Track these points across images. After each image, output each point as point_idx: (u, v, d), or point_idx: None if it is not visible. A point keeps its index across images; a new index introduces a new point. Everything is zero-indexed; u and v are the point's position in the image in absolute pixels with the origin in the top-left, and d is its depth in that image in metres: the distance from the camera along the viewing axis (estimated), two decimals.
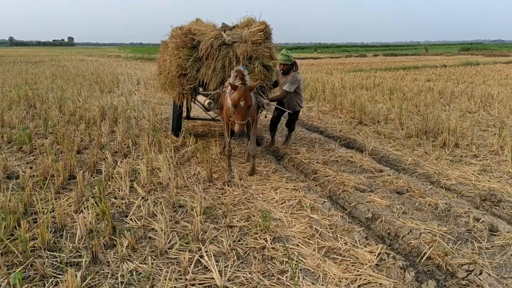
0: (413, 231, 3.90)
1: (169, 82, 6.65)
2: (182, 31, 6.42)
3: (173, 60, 6.35)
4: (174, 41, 6.45)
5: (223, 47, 6.28)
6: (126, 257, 3.45)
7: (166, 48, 7.27)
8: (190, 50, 6.28)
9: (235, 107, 4.74)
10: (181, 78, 6.30)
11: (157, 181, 5.20)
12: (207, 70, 6.24)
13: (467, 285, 3.12)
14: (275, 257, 3.50)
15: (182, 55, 6.25)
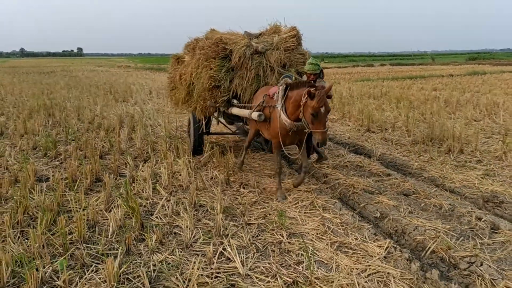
0: (419, 228, 4.20)
1: (195, 96, 6.25)
2: (211, 40, 6.06)
3: (203, 72, 5.98)
4: (202, 52, 6.09)
5: (255, 55, 5.96)
6: (156, 249, 3.78)
7: (178, 62, 7.25)
8: (222, 60, 5.92)
9: (315, 115, 4.32)
10: (213, 90, 5.95)
11: (177, 184, 5.55)
12: (240, 80, 5.91)
13: (468, 275, 3.41)
14: (291, 250, 3.82)
15: (214, 66, 5.90)
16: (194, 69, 6.21)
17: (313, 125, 4.39)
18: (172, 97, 7.46)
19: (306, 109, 4.42)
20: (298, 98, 4.56)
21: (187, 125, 7.73)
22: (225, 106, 6.07)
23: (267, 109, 5.15)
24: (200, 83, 6.02)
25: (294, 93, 4.69)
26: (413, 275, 3.33)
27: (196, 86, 6.19)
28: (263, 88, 5.74)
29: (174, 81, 7.31)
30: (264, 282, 3.29)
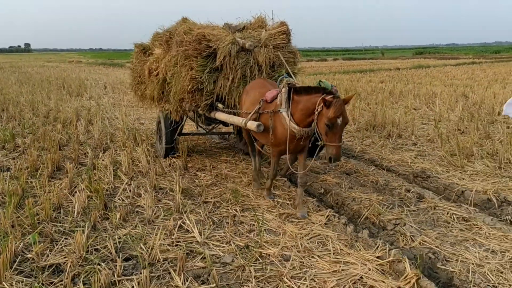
0: (356, 200, 4.79)
1: (171, 97, 5.64)
2: (191, 36, 5.31)
3: (183, 72, 5.31)
4: (181, 49, 5.35)
5: (242, 53, 5.30)
6: (120, 225, 4.12)
7: (144, 53, 6.73)
8: (205, 59, 5.22)
9: (330, 126, 3.80)
10: (194, 93, 5.27)
11: (137, 170, 5.87)
12: (225, 82, 5.26)
13: (394, 234, 4.00)
14: (244, 221, 4.28)
15: (196, 66, 5.19)
16: (170, 67, 5.57)
17: (326, 137, 3.88)
18: (137, 92, 6.94)
19: (320, 119, 3.90)
20: (309, 104, 4.05)
21: (156, 125, 6.97)
22: (208, 110, 5.45)
23: (265, 116, 4.51)
24: (179, 84, 5.35)
25: (303, 98, 4.17)
26: (348, 236, 3.87)
27: (172, 86, 5.55)
28: (252, 89, 4.99)
29: (140, 74, 6.74)
30: (220, 247, 3.72)
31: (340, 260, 3.47)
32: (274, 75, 5.42)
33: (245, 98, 5.00)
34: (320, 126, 3.93)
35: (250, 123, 4.55)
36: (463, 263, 3.38)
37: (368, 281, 3.14)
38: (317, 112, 3.93)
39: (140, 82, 6.82)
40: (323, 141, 3.94)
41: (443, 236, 3.88)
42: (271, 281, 3.19)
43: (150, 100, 6.46)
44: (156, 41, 6.44)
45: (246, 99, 4.97)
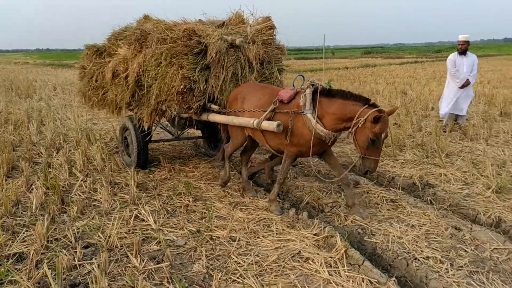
0: (299, 187, 5.27)
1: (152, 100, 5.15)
2: (181, 32, 4.92)
3: (171, 71, 4.92)
4: (167, 46, 4.97)
5: (231, 50, 5.04)
6: (77, 218, 4.37)
7: (99, 55, 6.28)
8: (195, 56, 4.86)
9: (374, 141, 3.73)
10: (186, 93, 4.89)
11: (92, 167, 6.07)
12: (216, 80, 4.97)
13: (330, 215, 4.50)
14: (196, 210, 4.63)
15: (187, 64, 4.81)
16: (151, 67, 5.11)
17: (366, 150, 3.79)
18: (92, 98, 6.35)
19: (362, 132, 3.76)
20: (345, 111, 3.92)
21: (119, 133, 6.49)
22: (198, 113, 5.10)
23: (283, 116, 4.30)
24: (164, 85, 4.99)
25: (336, 101, 4.02)
26: (290, 218, 4.33)
27: (153, 88, 5.12)
28: (251, 92, 4.78)
29: (97, 78, 6.19)
30: (174, 232, 4.07)
31: (282, 238, 3.91)
32: (265, 72, 5.31)
33: (243, 102, 4.74)
34: (361, 138, 3.79)
35: (267, 122, 4.28)
36: (385, 236, 3.91)
37: (305, 254, 3.60)
38: (358, 124, 3.76)
39: (97, 86, 6.22)
40: (361, 153, 3.84)
41: (372, 215, 4.42)
42: (220, 258, 3.59)
43: (112, 106, 5.95)
44: (119, 40, 5.89)
45: (245, 103, 4.71)
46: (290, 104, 4.31)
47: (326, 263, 3.42)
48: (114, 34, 6.12)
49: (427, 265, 3.39)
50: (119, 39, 5.93)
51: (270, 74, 5.35)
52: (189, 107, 4.98)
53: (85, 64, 6.53)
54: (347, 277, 3.23)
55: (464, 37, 8.29)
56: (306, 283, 3.18)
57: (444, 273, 3.25)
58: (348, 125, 3.91)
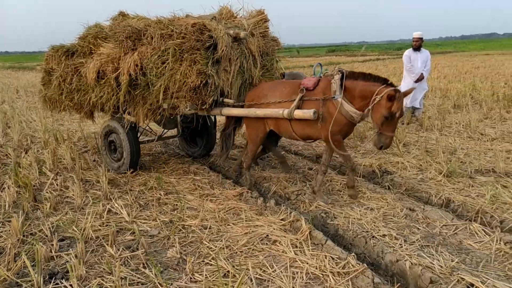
0: (267, 178, 5.53)
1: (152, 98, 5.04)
2: (187, 26, 4.79)
3: (183, 67, 4.76)
4: (175, 42, 4.79)
5: (235, 44, 5.04)
6: (51, 214, 4.46)
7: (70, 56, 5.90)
8: (206, 51, 4.76)
9: (388, 118, 3.96)
10: (200, 89, 4.77)
11: (62, 166, 6.13)
12: (226, 74, 4.96)
13: (296, 202, 4.77)
14: (168, 203, 4.81)
15: (201, 59, 4.72)
16: (156, 64, 4.92)
17: (382, 126, 4.04)
18: (66, 102, 5.98)
19: (378, 109, 4.00)
20: (366, 92, 4.13)
21: (101, 137, 6.15)
22: (210, 108, 5.03)
23: (310, 103, 4.46)
24: (174, 82, 4.83)
25: (357, 83, 4.23)
26: (258, 206, 4.58)
27: (156, 86, 4.95)
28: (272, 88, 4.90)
29: (71, 81, 5.83)
30: (147, 223, 4.24)
31: (251, 225, 4.15)
32: (266, 64, 5.42)
33: (266, 98, 4.83)
34: (377, 116, 4.03)
35: (300, 111, 4.42)
36: (346, 218, 4.22)
37: (273, 237, 3.85)
38: (373, 101, 4.02)
39: (72, 90, 5.84)
40: (378, 129, 4.08)
41: (334, 201, 4.72)
42: (192, 244, 3.79)
43: (96, 108, 5.76)
44: (99, 39, 5.58)
45: (268, 98, 4.81)
46: (316, 91, 4.48)
47: (292, 244, 3.69)
48: (90, 32, 5.73)
49: (383, 242, 3.70)
50: (99, 37, 5.61)
51: (270, 65, 5.46)
52: (203, 102, 4.86)
53: (52, 66, 6.07)
54: (311, 255, 3.50)
55: (418, 34, 8.79)
56: (274, 262, 3.43)
57: (398, 248, 3.58)
58: (369, 104, 4.11)
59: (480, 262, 3.34)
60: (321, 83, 4.50)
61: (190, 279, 3.21)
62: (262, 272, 3.30)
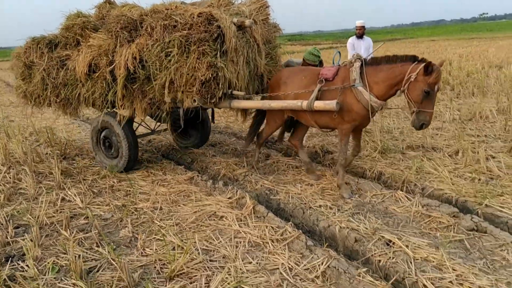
0: (217, 163, 5.83)
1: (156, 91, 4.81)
2: (201, 17, 4.50)
3: (190, 59, 4.50)
4: (181, 34, 4.50)
5: (239, 33, 4.76)
6: (5, 205, 4.58)
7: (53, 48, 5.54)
8: (214, 42, 4.51)
9: (428, 93, 3.77)
10: (210, 82, 4.51)
11: (14, 160, 6.17)
12: (233, 66, 4.69)
13: (244, 183, 5.11)
14: (121, 189, 5.02)
15: (210, 51, 4.45)
16: (157, 58, 4.65)
17: (421, 104, 3.85)
18: (51, 98, 5.62)
19: (415, 86, 3.82)
20: (394, 74, 3.98)
21: (93, 135, 5.82)
22: (219, 101, 4.79)
23: (330, 93, 4.36)
24: (181, 75, 4.59)
25: (381, 68, 4.09)
26: (208, 188, 4.88)
27: (158, 80, 4.72)
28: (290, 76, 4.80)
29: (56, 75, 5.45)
30: (100, 209, 4.45)
31: (200, 204, 4.45)
32: (269, 52, 5.24)
33: (285, 86, 4.77)
34: (415, 93, 3.84)
35: (321, 102, 4.28)
36: (287, 194, 4.60)
37: (220, 214, 4.17)
38: (410, 79, 3.83)
39: (58, 84, 5.48)
40: (415, 108, 3.87)
41: (278, 180, 5.10)
42: (144, 224, 4.05)
43: (86, 104, 5.47)
44: (87, 29, 5.27)
45: (288, 87, 4.74)
46: (335, 81, 4.38)
47: (237, 218, 4.02)
48: (76, 23, 5.33)
49: (319, 211, 4.11)
50: (87, 28, 5.26)
51: (274, 53, 5.33)
52: (212, 95, 4.61)
53: (33, 59, 5.60)
54: (254, 226, 3.85)
55: (361, 22, 9.26)
56: (219, 235, 3.75)
57: (331, 216, 3.99)
58: (399, 87, 3.98)
59: (400, 223, 3.81)
60: (340, 72, 4.41)
61: (141, 253, 3.48)
62: (208, 244, 3.61)
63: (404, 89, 3.90)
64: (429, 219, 3.84)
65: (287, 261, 3.25)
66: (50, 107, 5.86)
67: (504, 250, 3.27)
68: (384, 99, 4.14)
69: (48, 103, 5.72)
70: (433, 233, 3.62)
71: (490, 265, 3.14)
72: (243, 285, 2.96)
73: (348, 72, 4.28)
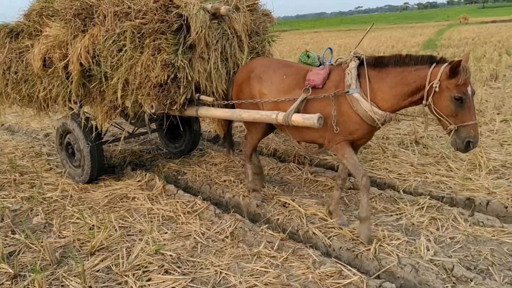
0: (121, 151, 6.00)
1: (108, 95, 4.11)
2: (156, 2, 3.65)
3: (144, 56, 3.71)
4: (132, 23, 3.68)
5: (214, 23, 3.88)
6: None
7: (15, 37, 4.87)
8: (175, 34, 3.64)
9: (460, 100, 2.82)
10: (168, 85, 3.72)
11: None
12: (202, 64, 3.82)
13: (151, 167, 5.39)
14: (25, 182, 4.98)
15: (167, 45, 3.62)
16: (109, 53, 3.85)
17: (456, 117, 2.87)
18: (13, 95, 4.98)
19: (442, 96, 2.87)
20: (406, 82, 3.01)
21: (57, 139, 5.08)
22: (183, 108, 3.96)
23: (317, 103, 3.36)
24: (135, 75, 3.82)
25: (389, 73, 3.11)
26: (115, 174, 5.07)
27: (114, 80, 3.94)
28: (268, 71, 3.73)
29: (17, 69, 4.79)
30: (7, 201, 4.42)
31: (111, 189, 4.65)
32: (255, 46, 4.27)
33: (260, 84, 3.71)
34: (444, 104, 2.88)
35: (300, 117, 3.27)
36: (194, 173, 5.01)
37: (131, 195, 4.43)
38: (434, 89, 2.86)
39: (19, 80, 4.81)
40: (451, 124, 2.88)
41: (184, 162, 5.47)
42: (56, 211, 4.17)
43: (44, 104, 4.76)
44: (44, 16, 4.51)
45: (263, 85, 3.69)
46: (326, 87, 3.36)
47: (149, 198, 4.33)
48: (35, 8, 4.66)
49: (224, 185, 4.60)
50: (45, 14, 4.51)
51: (261, 48, 4.34)
52: (172, 101, 3.79)
53: None
54: (165, 203, 4.19)
55: None
56: (134, 212, 4.04)
57: (235, 188, 4.49)
58: (415, 98, 3.03)
59: (293, 189, 4.44)
60: (332, 75, 3.39)
61: (58, 236, 3.64)
62: (124, 221, 3.89)
63: (429, 104, 2.94)
64: (317, 183, 4.54)
65: (199, 228, 3.67)
66: (14, 105, 5.28)
67: (374, 201, 4.05)
68: (392, 110, 3.14)
69: (11, 101, 5.14)
70: (320, 194, 4.31)
71: None
72: (162, 251, 3.32)
73: (343, 75, 3.28)
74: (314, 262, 3.04)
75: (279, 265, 3.06)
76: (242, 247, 3.33)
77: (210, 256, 3.23)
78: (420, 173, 4.59)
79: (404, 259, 3.01)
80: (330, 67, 3.48)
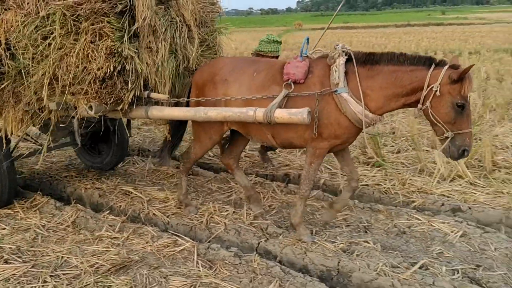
0: None
1: (30, 96, 3.34)
2: None
3: (83, 45, 3.10)
4: (68, 3, 3.05)
5: (160, 8, 3.39)
6: None
7: None
8: (119, 18, 3.09)
9: (462, 107, 2.71)
10: (112, 79, 3.15)
11: None
12: (150, 55, 3.33)
13: None
14: None
15: (110, 31, 3.05)
16: (30, 42, 3.20)
17: (454, 124, 2.76)
18: None
19: (441, 102, 2.74)
20: (400, 82, 2.84)
21: None
22: (128, 108, 3.37)
23: (298, 101, 3.02)
24: (65, 69, 3.19)
25: (381, 71, 2.92)
26: None
27: (35, 74, 3.26)
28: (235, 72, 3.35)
29: None
30: None
31: None
32: (206, 38, 3.88)
33: (226, 86, 3.32)
34: (443, 111, 2.75)
35: (285, 112, 2.91)
36: (33, 171, 4.93)
37: None
38: (434, 92, 2.72)
39: None
40: (447, 131, 2.77)
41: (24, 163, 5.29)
42: None
43: None
44: None
45: (230, 87, 3.31)
46: (308, 83, 3.07)
47: None
48: None
49: (65, 180, 4.65)
50: None
51: (212, 40, 3.99)
52: (118, 100, 3.23)
53: None
54: None
55: None
56: None
57: (78, 182, 4.59)
58: (409, 100, 2.89)
59: (136, 179, 4.73)
60: (314, 69, 3.11)
61: None
62: None
63: (425, 107, 2.80)
64: (159, 173, 4.90)
65: (39, 221, 3.72)
66: None
67: (210, 183, 4.57)
68: (380, 112, 2.98)
69: None
70: (162, 181, 4.68)
71: (200, 194, 4.35)
72: (1, 244, 3.32)
73: (328, 70, 3.03)
74: (152, 237, 3.40)
75: (120, 244, 3.35)
76: (84, 234, 3.51)
77: (51, 245, 3.35)
78: (251, 157, 5.29)
79: (229, 225, 3.57)
80: (310, 60, 3.18)
